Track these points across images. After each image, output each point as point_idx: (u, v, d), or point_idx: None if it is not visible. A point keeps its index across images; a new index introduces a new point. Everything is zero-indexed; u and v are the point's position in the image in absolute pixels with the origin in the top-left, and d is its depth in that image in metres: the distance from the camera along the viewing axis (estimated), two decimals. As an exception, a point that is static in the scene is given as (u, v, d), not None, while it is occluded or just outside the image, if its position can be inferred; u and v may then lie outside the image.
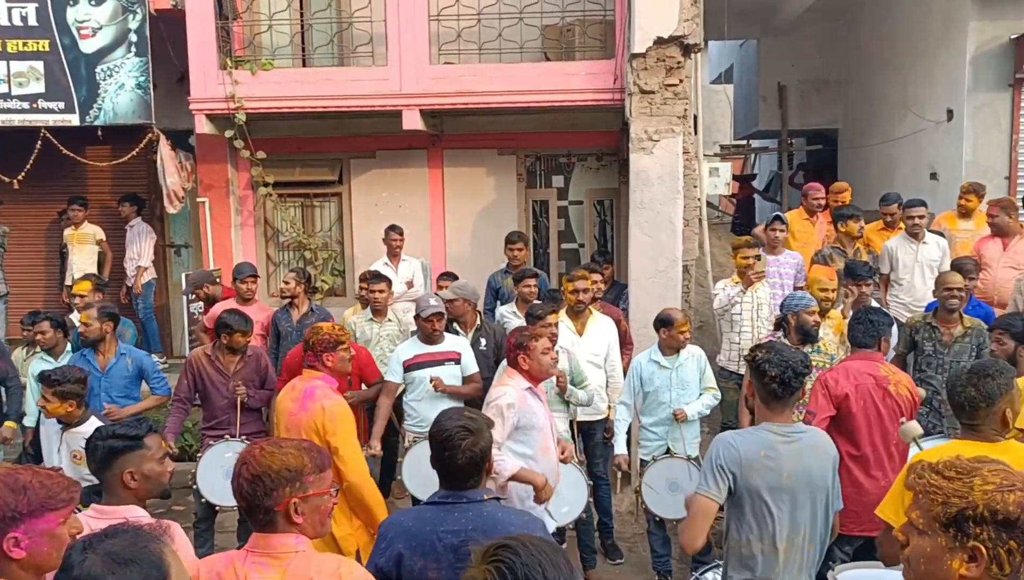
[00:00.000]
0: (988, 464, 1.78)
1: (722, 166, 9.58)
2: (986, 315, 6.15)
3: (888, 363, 4.38)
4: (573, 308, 6.02)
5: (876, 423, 4.12)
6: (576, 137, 9.21)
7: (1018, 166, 9.10)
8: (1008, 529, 1.68)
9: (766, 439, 3.01)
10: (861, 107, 12.75)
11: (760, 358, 3.05)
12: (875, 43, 11.96)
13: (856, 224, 7.17)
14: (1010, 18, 8.91)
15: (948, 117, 9.49)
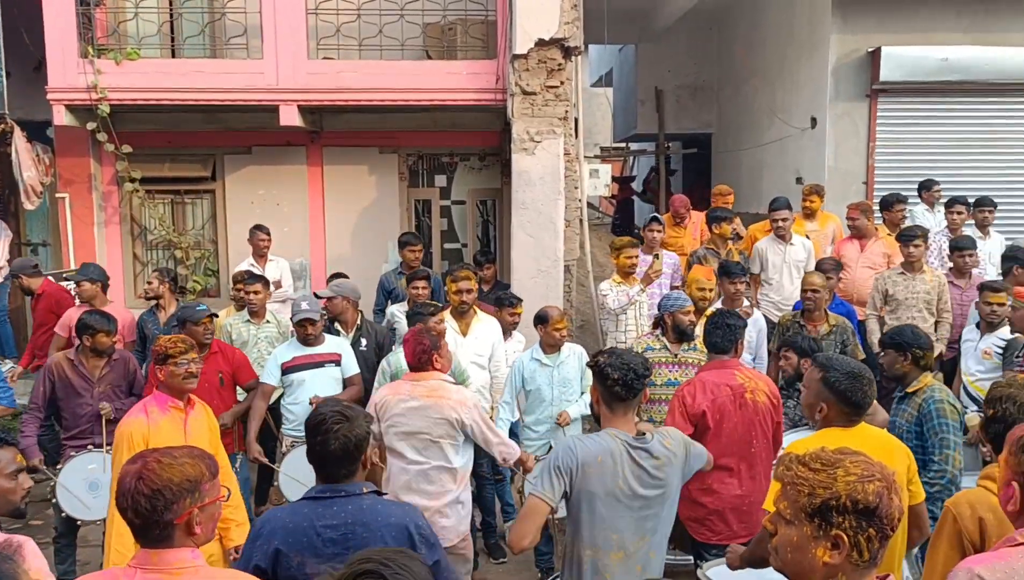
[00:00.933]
0: (850, 456, 1.86)
1: (602, 168, 9.75)
2: (848, 313, 6.50)
3: (745, 368, 4.37)
4: (457, 308, 5.99)
5: (735, 433, 4.12)
6: (459, 137, 9.19)
7: (874, 171, 9.67)
8: (867, 517, 1.77)
9: (606, 445, 2.99)
10: (733, 113, 13.27)
11: (602, 362, 3.05)
12: (745, 52, 12.46)
13: (729, 226, 7.43)
14: (868, 32, 9.45)
15: (812, 124, 9.98)
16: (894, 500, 1.79)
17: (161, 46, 8.50)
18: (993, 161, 9.62)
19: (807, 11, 10.16)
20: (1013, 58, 9.23)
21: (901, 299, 6.54)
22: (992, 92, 9.48)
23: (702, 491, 4.17)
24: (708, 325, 4.43)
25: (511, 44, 7.30)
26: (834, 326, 5.91)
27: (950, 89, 9.45)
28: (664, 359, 5.45)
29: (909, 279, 6.57)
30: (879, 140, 9.65)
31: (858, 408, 3.16)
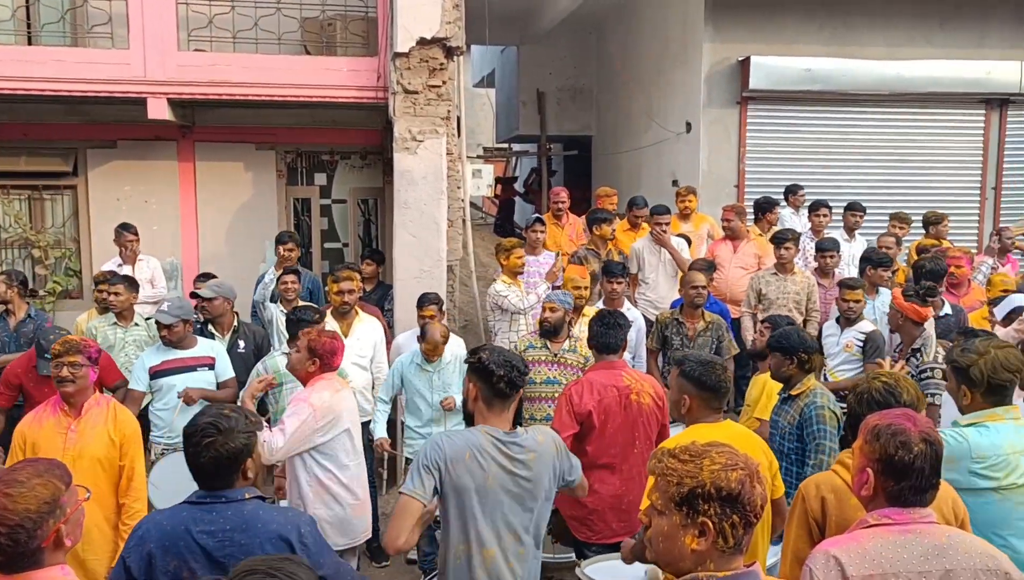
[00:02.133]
0: (717, 447, 1.95)
1: (485, 168, 9.79)
2: (721, 311, 6.74)
3: (631, 370, 4.46)
4: (338, 309, 5.88)
5: (618, 434, 4.19)
6: (339, 134, 9.01)
7: (745, 175, 10.08)
8: (731, 504, 1.85)
9: (477, 440, 2.99)
10: (612, 116, 13.56)
11: (485, 359, 3.04)
12: (623, 57, 12.77)
13: (609, 227, 7.58)
14: (738, 42, 9.85)
15: (687, 129, 10.31)
16: (756, 488, 1.87)
17: (16, 32, 7.96)
18: (852, 167, 10.19)
19: (681, 20, 10.49)
20: (869, 70, 9.81)
21: (773, 299, 6.83)
22: (850, 102, 10.05)
23: (591, 490, 4.23)
24: (596, 326, 4.49)
25: (392, 42, 7.21)
26: (709, 323, 6.12)
27: (813, 98, 9.96)
28: (543, 358, 5.52)
29: (781, 280, 6.88)
30: (749, 145, 10.08)
31: (714, 391, 3.27)
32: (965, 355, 3.17)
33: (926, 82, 9.92)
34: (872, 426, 2.33)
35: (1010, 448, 3.00)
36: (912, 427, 2.26)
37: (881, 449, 2.27)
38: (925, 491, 2.25)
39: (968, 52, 10.07)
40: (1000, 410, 3.11)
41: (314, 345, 4.19)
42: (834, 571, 2.17)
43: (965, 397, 3.17)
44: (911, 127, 10.30)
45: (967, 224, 10.43)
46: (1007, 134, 10.50)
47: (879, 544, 2.19)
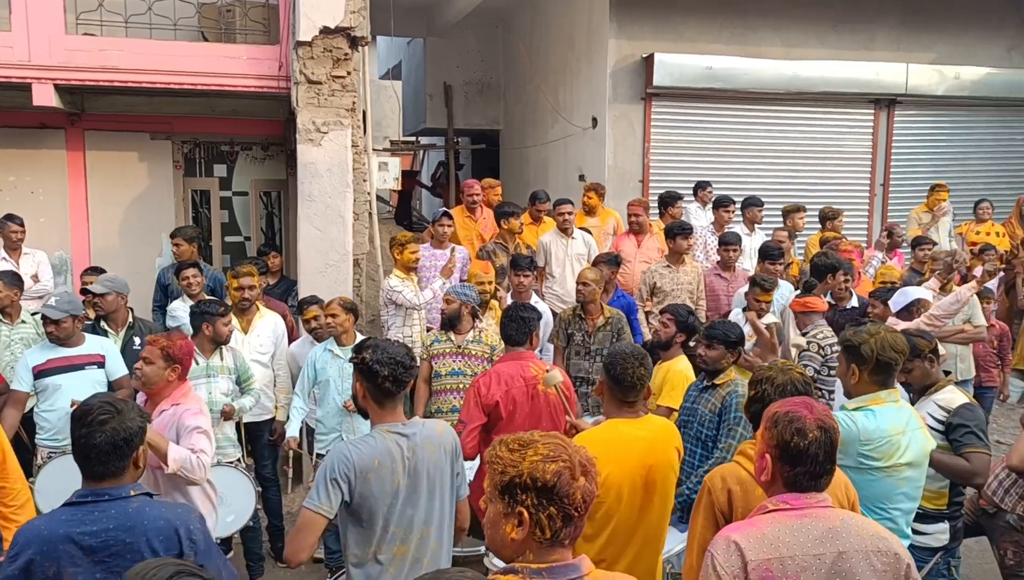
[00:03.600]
0: (546, 439, 1.96)
1: (392, 161, 9.67)
2: (628, 305, 6.84)
3: (539, 361, 4.48)
4: (238, 305, 5.72)
5: (526, 424, 4.18)
6: (239, 124, 8.75)
7: (650, 170, 10.27)
8: (547, 495, 1.87)
9: (380, 446, 2.94)
10: (519, 110, 13.60)
11: (369, 358, 2.98)
12: (529, 52, 12.81)
13: (517, 221, 7.59)
14: (642, 39, 10.01)
15: (593, 124, 10.43)
16: (577, 481, 1.88)
17: None
18: (753, 163, 10.49)
19: (587, 17, 10.59)
20: (768, 69, 10.12)
21: (668, 290, 6.96)
22: (750, 100, 10.35)
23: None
24: (504, 318, 4.52)
25: (294, 30, 7.04)
26: (609, 318, 6.16)
27: (714, 95, 10.21)
28: (448, 350, 5.51)
29: (674, 271, 7.02)
30: (653, 141, 10.26)
31: (618, 383, 3.26)
32: (857, 335, 3.34)
33: (820, 82, 10.30)
34: (772, 414, 2.40)
35: (893, 430, 3.18)
36: (808, 415, 2.33)
37: (778, 435, 2.33)
38: (820, 476, 2.32)
39: (858, 54, 10.50)
40: (883, 394, 3.27)
41: (170, 349, 3.86)
42: (734, 556, 2.22)
43: (853, 376, 3.32)
44: (807, 125, 10.68)
45: (858, 219, 10.89)
46: (894, 133, 11.01)
47: (777, 529, 2.25)
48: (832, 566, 2.21)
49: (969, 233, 9.47)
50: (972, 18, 10.89)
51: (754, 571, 2.19)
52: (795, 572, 2.20)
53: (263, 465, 5.81)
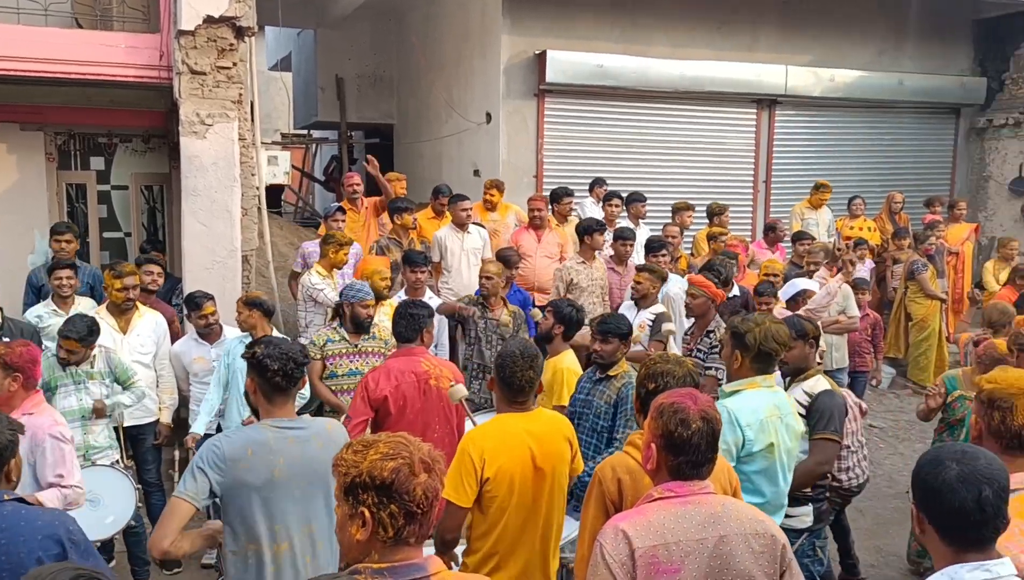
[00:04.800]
0: (389, 438, 1.98)
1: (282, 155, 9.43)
2: (524, 300, 6.90)
3: (431, 357, 4.48)
4: (119, 306, 5.49)
5: (417, 419, 4.19)
6: (118, 115, 8.36)
7: (543, 166, 10.37)
8: (386, 493, 1.88)
9: (256, 436, 2.93)
10: (413, 105, 13.51)
11: (260, 353, 2.96)
12: (422, 46, 12.73)
13: (410, 216, 7.54)
14: (535, 36, 10.09)
15: (487, 120, 10.45)
16: (417, 478, 1.90)
17: None
18: (643, 159, 10.74)
19: (480, 12, 10.61)
20: (656, 68, 10.37)
21: (584, 286, 7.05)
22: (640, 97, 10.59)
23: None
24: (395, 315, 4.48)
25: (176, 19, 6.77)
26: (513, 313, 6.22)
27: (606, 93, 10.40)
28: (344, 350, 5.42)
29: (588, 268, 7.12)
30: (547, 136, 10.37)
31: (508, 385, 3.29)
32: (744, 323, 3.51)
33: (705, 81, 10.63)
34: (658, 404, 2.46)
35: (766, 413, 3.35)
36: (692, 406, 2.40)
37: (663, 426, 2.39)
38: (702, 465, 2.40)
39: (741, 55, 10.89)
40: (759, 378, 3.46)
41: (8, 358, 3.63)
42: (622, 544, 2.28)
43: (736, 361, 3.50)
44: (694, 123, 11.01)
45: (743, 214, 11.30)
46: (775, 132, 11.48)
47: (662, 516, 2.32)
48: (714, 550, 2.29)
49: (844, 228, 9.97)
50: (846, 23, 11.45)
51: (641, 558, 2.25)
52: (680, 557, 2.27)
53: (146, 470, 5.60)
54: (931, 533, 1.99)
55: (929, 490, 1.98)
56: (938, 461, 1.99)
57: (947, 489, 1.93)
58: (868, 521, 6.03)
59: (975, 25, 12.39)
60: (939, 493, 1.95)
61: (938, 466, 1.97)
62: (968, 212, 11.08)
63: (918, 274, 9.06)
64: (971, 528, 1.93)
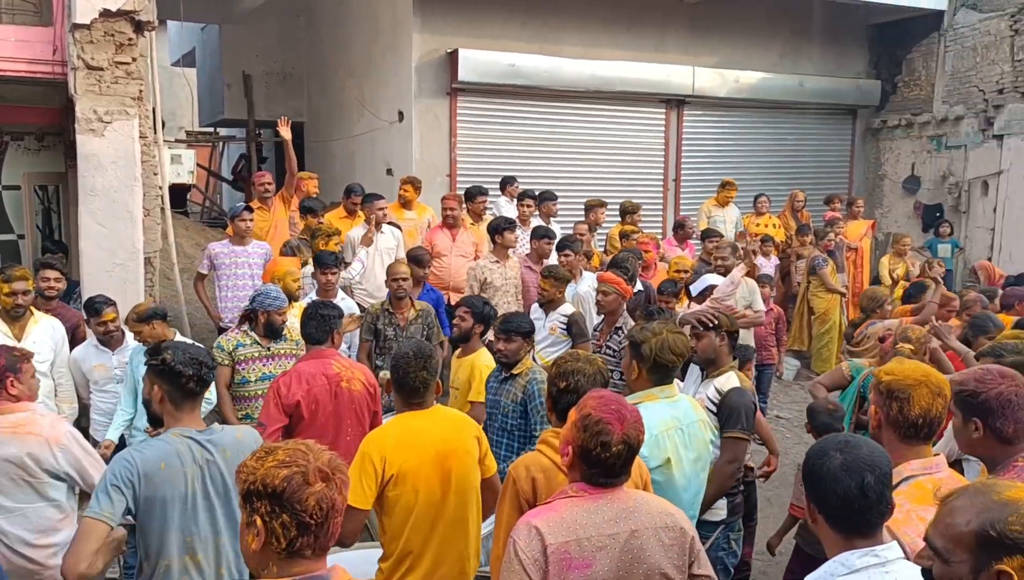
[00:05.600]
0: (290, 445, 1.94)
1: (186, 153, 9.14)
2: (437, 298, 6.86)
3: (342, 358, 4.40)
4: (10, 312, 5.22)
5: (329, 422, 4.12)
6: (8, 111, 7.96)
7: (457, 165, 10.35)
8: (278, 502, 1.84)
9: (168, 448, 2.83)
10: (323, 103, 13.28)
11: (171, 360, 2.86)
12: (332, 43, 12.54)
13: (315, 219, 7.41)
14: (446, 34, 10.06)
15: (399, 118, 10.37)
16: (311, 487, 1.85)
17: None
18: (555, 158, 10.83)
19: (390, 9, 10.51)
20: (568, 68, 10.47)
21: (498, 285, 7.03)
22: (552, 97, 10.67)
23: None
24: (304, 317, 4.40)
25: (70, 12, 6.48)
26: (420, 312, 6.17)
27: (518, 92, 10.44)
28: (256, 354, 5.27)
29: (501, 267, 7.11)
30: (460, 135, 10.35)
31: (402, 387, 3.27)
32: (642, 333, 3.45)
33: (616, 81, 10.79)
34: (586, 414, 2.42)
35: (660, 427, 3.29)
36: (618, 428, 2.37)
37: (585, 441, 2.38)
38: (616, 477, 2.42)
39: (650, 56, 11.10)
40: (656, 390, 3.40)
41: None
42: (535, 540, 2.29)
43: (634, 371, 3.45)
44: (605, 123, 11.16)
45: (653, 212, 11.52)
46: (684, 132, 11.75)
47: (574, 512, 2.34)
48: (625, 544, 2.32)
49: (750, 225, 10.26)
50: (749, 27, 11.80)
51: (553, 554, 2.26)
52: (591, 552, 2.29)
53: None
54: (821, 522, 2.07)
55: (816, 479, 2.05)
56: (823, 452, 2.07)
57: (832, 478, 2.01)
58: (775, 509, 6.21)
59: (870, 30, 12.95)
60: (825, 482, 2.03)
61: (823, 456, 2.06)
62: (865, 209, 11.56)
63: (819, 269, 9.39)
64: (856, 514, 2.01)
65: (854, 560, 2.00)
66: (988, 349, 3.65)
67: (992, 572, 1.67)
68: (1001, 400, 2.53)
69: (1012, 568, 1.66)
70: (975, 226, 11.95)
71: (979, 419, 2.55)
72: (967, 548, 1.70)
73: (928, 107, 12.44)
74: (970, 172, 11.93)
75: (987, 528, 1.68)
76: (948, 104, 12.18)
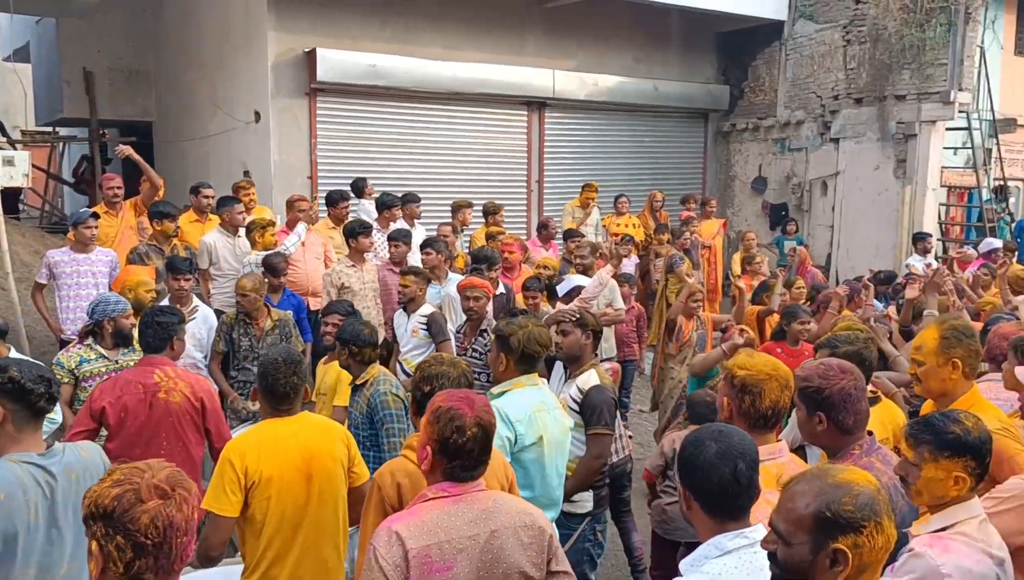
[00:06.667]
0: (129, 464, 1.87)
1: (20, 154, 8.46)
2: (298, 304, 6.66)
3: (170, 368, 4.13)
4: None
5: (142, 432, 3.93)
6: None
7: (317, 166, 10.11)
8: (110, 522, 1.77)
9: (8, 476, 2.63)
10: (174, 102, 12.70)
11: (18, 377, 2.68)
12: (181, 39, 12.02)
13: (172, 223, 7.07)
14: (303, 33, 9.82)
15: (256, 118, 10.04)
16: (143, 504, 1.77)
17: None
18: (418, 160, 10.77)
19: (243, 7, 10.17)
20: (429, 69, 10.43)
21: (356, 290, 6.89)
22: (414, 98, 10.61)
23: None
24: (141, 324, 4.17)
25: None
26: (277, 321, 5.93)
27: (379, 93, 10.33)
28: (103, 369, 4.94)
29: (359, 271, 6.98)
30: (320, 136, 10.13)
31: (272, 393, 3.20)
32: (508, 326, 3.57)
33: (477, 83, 10.85)
34: (435, 407, 2.45)
35: (532, 408, 3.45)
36: (469, 412, 2.40)
37: (439, 431, 2.39)
38: (475, 467, 2.43)
39: (511, 58, 11.22)
40: (524, 378, 3.56)
41: None
42: (395, 546, 2.26)
43: (502, 364, 3.56)
44: (467, 124, 11.20)
45: (518, 213, 11.65)
46: (545, 133, 11.94)
47: (435, 515, 2.33)
48: (485, 545, 2.33)
49: (611, 225, 10.53)
50: (606, 32, 12.13)
51: (414, 558, 2.25)
52: (452, 555, 2.29)
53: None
54: (696, 508, 2.14)
55: (692, 468, 2.13)
56: (699, 442, 2.15)
57: (708, 466, 2.09)
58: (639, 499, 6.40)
59: (718, 38, 13.58)
60: (702, 470, 2.10)
61: (699, 446, 2.13)
62: (718, 208, 12.10)
63: (676, 267, 9.71)
64: (730, 499, 2.10)
65: (726, 542, 2.08)
66: (825, 341, 3.89)
67: (829, 551, 1.78)
68: (843, 395, 2.67)
69: (846, 546, 1.77)
70: (816, 224, 12.73)
71: (823, 413, 2.70)
72: (807, 530, 1.81)
73: (772, 112, 13.16)
74: (811, 173, 12.71)
75: (824, 509, 1.79)
76: (790, 109, 12.92)
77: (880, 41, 11.51)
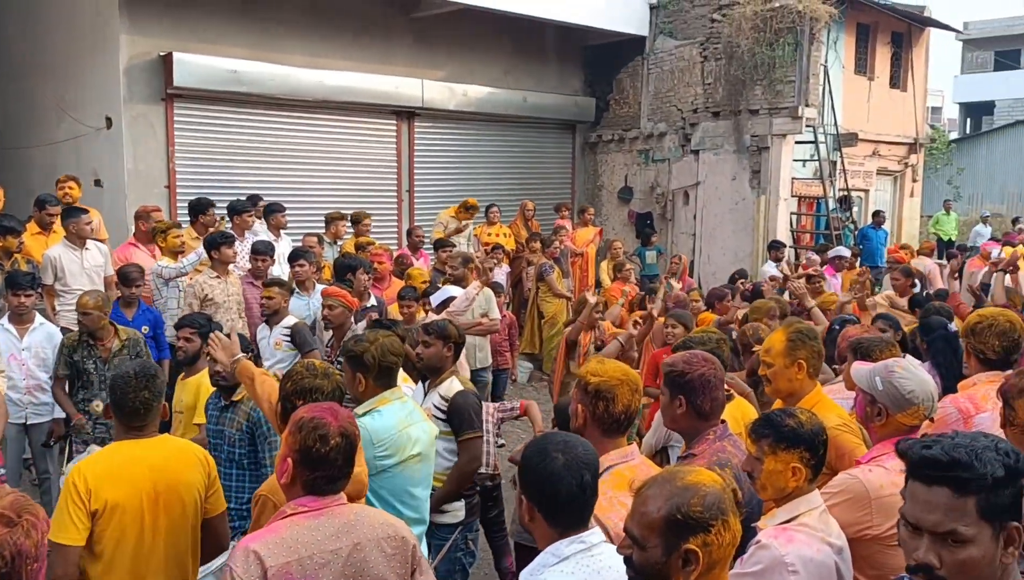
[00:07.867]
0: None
1: None
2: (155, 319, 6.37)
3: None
4: None
5: None
6: None
7: (176, 175, 9.69)
8: None
9: None
10: (16, 105, 11.86)
11: None
12: (24, 39, 11.28)
13: (16, 239, 6.61)
14: (158, 36, 9.40)
15: (108, 125, 9.53)
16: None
17: None
18: (283, 168, 10.49)
19: (93, 7, 9.64)
20: (293, 76, 10.20)
21: (220, 302, 6.62)
22: (278, 106, 10.34)
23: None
24: None
25: None
26: (126, 341, 5.54)
27: (241, 100, 10.01)
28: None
29: (223, 282, 6.71)
30: (178, 144, 9.72)
31: (121, 408, 3.04)
32: (359, 344, 3.40)
33: (344, 92, 10.68)
34: (298, 418, 2.38)
35: (399, 426, 3.33)
36: (333, 422, 2.35)
37: (302, 441, 2.32)
38: (338, 479, 2.37)
39: (378, 67, 11.11)
40: (387, 393, 3.40)
41: None
42: (253, 565, 2.18)
43: (360, 384, 3.38)
44: (335, 133, 11.02)
45: (388, 223, 11.54)
46: (415, 143, 11.89)
47: (295, 531, 2.25)
48: (348, 558, 2.28)
49: (482, 234, 10.58)
50: (474, 43, 12.21)
51: (274, 576, 2.18)
52: (314, 570, 2.23)
53: None
54: (539, 519, 2.13)
55: (538, 479, 2.12)
56: (545, 452, 2.13)
57: (556, 478, 2.08)
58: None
59: (585, 51, 13.92)
60: (550, 482, 2.09)
61: (545, 457, 2.12)
62: (595, 217, 12.39)
63: (546, 276, 9.89)
64: (576, 510, 2.11)
65: (563, 548, 2.09)
66: (682, 342, 4.07)
67: (681, 551, 1.83)
68: (703, 380, 2.85)
69: (696, 545, 1.83)
70: (680, 232, 13.22)
71: (684, 397, 2.87)
72: (660, 533, 1.85)
73: (636, 124, 13.59)
74: (673, 183, 13.19)
75: (674, 512, 1.84)
76: (653, 121, 13.38)
77: (734, 58, 12.09)
